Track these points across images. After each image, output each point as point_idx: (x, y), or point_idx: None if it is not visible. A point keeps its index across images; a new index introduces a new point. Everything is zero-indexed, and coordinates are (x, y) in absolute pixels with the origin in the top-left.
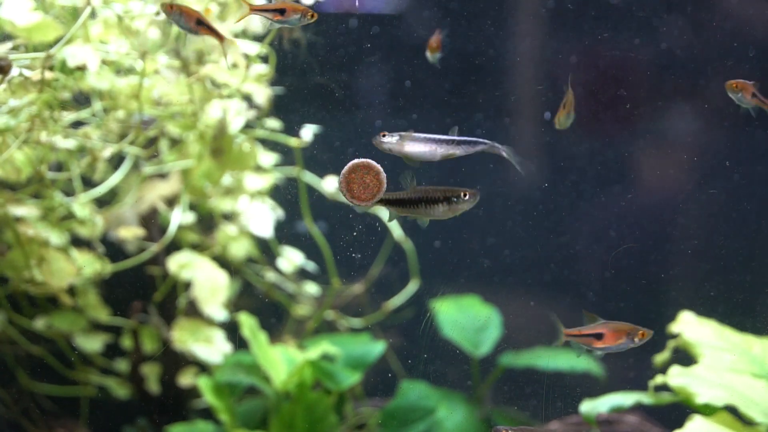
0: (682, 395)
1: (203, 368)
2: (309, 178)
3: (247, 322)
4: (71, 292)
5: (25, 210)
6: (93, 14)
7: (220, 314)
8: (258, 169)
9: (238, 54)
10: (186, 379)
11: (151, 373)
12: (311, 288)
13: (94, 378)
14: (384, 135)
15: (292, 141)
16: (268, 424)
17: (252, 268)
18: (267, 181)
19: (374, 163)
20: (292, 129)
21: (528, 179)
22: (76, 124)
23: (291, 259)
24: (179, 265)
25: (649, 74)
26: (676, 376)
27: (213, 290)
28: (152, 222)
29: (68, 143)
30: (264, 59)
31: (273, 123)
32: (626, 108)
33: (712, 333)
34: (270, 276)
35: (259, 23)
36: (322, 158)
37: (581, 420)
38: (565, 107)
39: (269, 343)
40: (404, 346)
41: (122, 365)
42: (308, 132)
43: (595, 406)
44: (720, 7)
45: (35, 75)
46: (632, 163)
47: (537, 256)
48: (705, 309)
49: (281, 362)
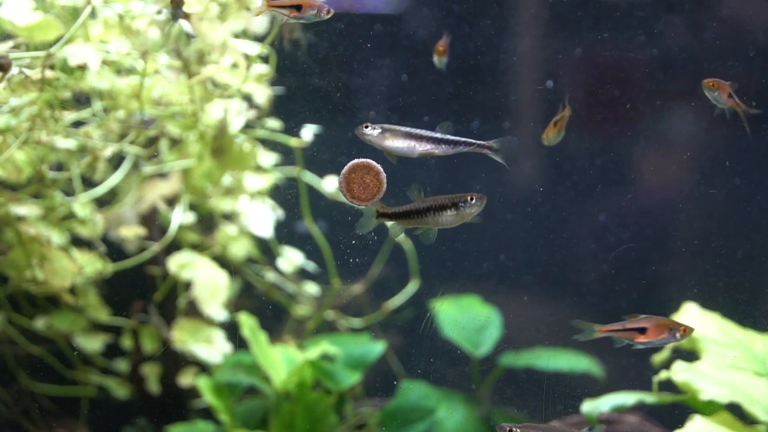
0: (686, 391)
1: (203, 368)
2: (309, 178)
3: (247, 322)
4: (72, 292)
5: (27, 209)
6: (93, 14)
7: (220, 314)
8: (258, 169)
9: (239, 54)
10: (186, 379)
11: (151, 373)
12: (311, 288)
13: (94, 378)
14: (366, 126)
15: (293, 141)
16: (268, 424)
17: (252, 268)
18: (267, 181)
19: (374, 164)
20: (293, 129)
21: (528, 179)
22: (77, 124)
23: (291, 259)
24: (179, 265)
25: (649, 74)
26: (681, 372)
27: (213, 290)
28: (152, 222)
29: (69, 143)
30: (264, 59)
31: (273, 123)
32: (626, 108)
33: (715, 327)
34: (270, 276)
35: (260, 23)
36: (322, 158)
37: (581, 420)
38: (557, 125)
39: (269, 343)
40: (404, 346)
41: (122, 365)
42: (308, 132)
43: (597, 406)
44: (720, 7)
45: (36, 74)
46: (633, 163)
47: (537, 256)
48: (707, 307)
49: (281, 362)
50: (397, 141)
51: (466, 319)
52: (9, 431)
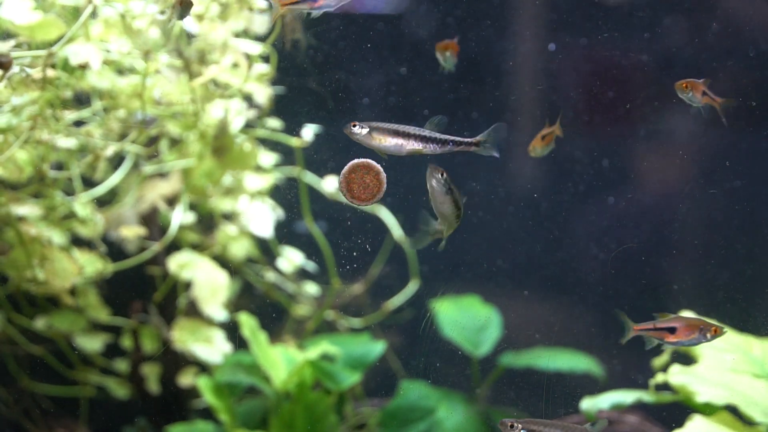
0: (683, 393)
1: (203, 368)
2: (309, 178)
3: (247, 322)
4: (72, 292)
5: (27, 209)
6: (94, 13)
7: (220, 314)
8: (258, 169)
9: (240, 54)
10: (186, 379)
11: (151, 373)
12: (311, 288)
13: (94, 378)
14: (354, 125)
15: (293, 141)
16: (268, 424)
17: (252, 268)
18: (267, 181)
19: (374, 163)
20: (293, 129)
21: (528, 179)
22: (77, 124)
23: (291, 259)
24: (179, 265)
25: (649, 74)
26: (677, 374)
27: (213, 290)
28: (152, 222)
29: (69, 142)
30: (265, 59)
31: (274, 123)
32: (625, 108)
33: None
34: (270, 276)
35: (261, 23)
36: (322, 158)
37: (582, 419)
38: (545, 139)
39: (269, 343)
40: (404, 346)
41: (122, 365)
42: (309, 132)
43: (596, 403)
44: (720, 7)
45: (37, 73)
46: (632, 164)
47: (537, 256)
48: (705, 310)
49: (281, 362)
50: (385, 139)
51: (466, 319)
52: (9, 431)
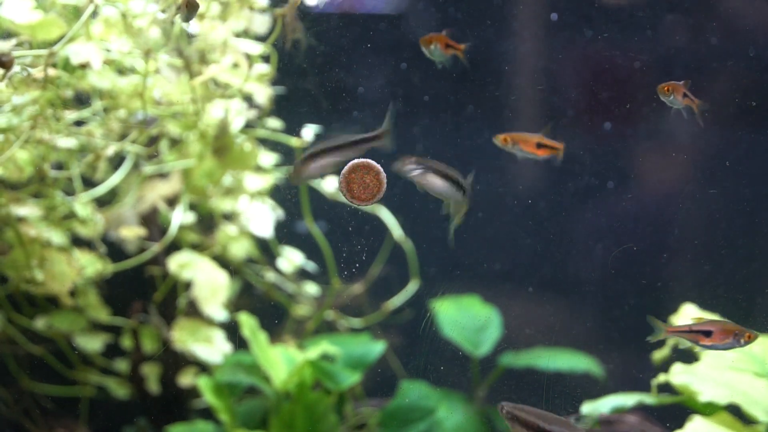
0: (685, 393)
1: (203, 368)
2: None
3: (247, 322)
4: (71, 293)
5: (28, 210)
6: (95, 13)
7: (220, 314)
8: (258, 169)
9: (240, 54)
10: (186, 379)
11: (151, 373)
12: (311, 288)
13: (94, 378)
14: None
15: (294, 141)
16: (268, 424)
17: (252, 268)
18: (267, 181)
19: (374, 163)
20: (294, 129)
21: (528, 179)
22: (77, 123)
23: (291, 259)
24: (179, 265)
25: (649, 74)
26: (679, 374)
27: (213, 290)
28: (152, 222)
29: (70, 142)
30: (266, 59)
31: (274, 123)
32: (625, 108)
33: None
34: (270, 276)
35: (262, 23)
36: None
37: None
38: (540, 149)
39: (269, 343)
40: (404, 346)
41: (122, 365)
42: (309, 132)
43: (597, 407)
44: (720, 7)
45: (38, 72)
46: (632, 163)
47: (537, 256)
48: (705, 309)
49: (281, 362)
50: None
51: (466, 319)
52: (9, 431)
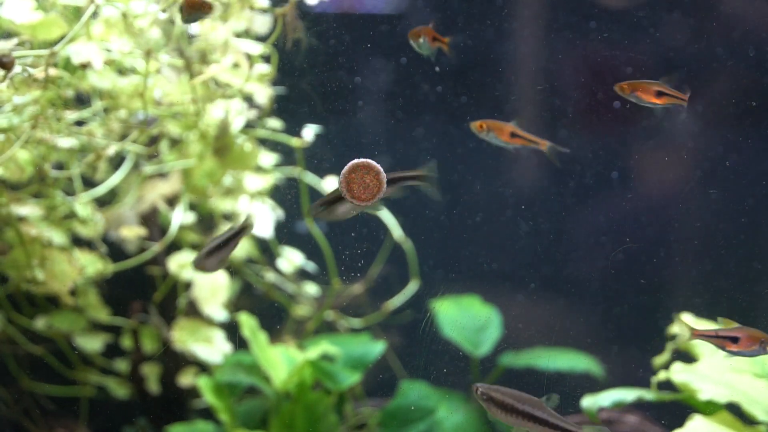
0: (685, 392)
1: (203, 368)
2: (309, 178)
3: (247, 322)
4: (72, 292)
5: (28, 209)
6: (95, 13)
7: (220, 314)
8: (258, 170)
9: (241, 54)
10: (186, 379)
11: (151, 373)
12: (311, 288)
13: (94, 378)
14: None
15: (294, 141)
16: (268, 424)
17: (252, 269)
18: (267, 182)
19: (374, 163)
20: (294, 129)
21: (528, 179)
22: (78, 123)
23: (291, 259)
24: (179, 265)
25: (648, 74)
26: (679, 372)
27: (213, 290)
28: (152, 222)
29: (70, 142)
30: (266, 59)
31: (274, 123)
32: (625, 108)
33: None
34: (270, 276)
35: (263, 23)
36: (322, 158)
37: (583, 420)
38: (514, 138)
39: (269, 343)
40: (404, 346)
41: (122, 365)
42: (309, 132)
43: (597, 401)
44: (720, 7)
45: (39, 72)
46: (632, 164)
47: (537, 256)
48: (705, 310)
49: (281, 362)
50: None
51: (466, 319)
52: (9, 431)
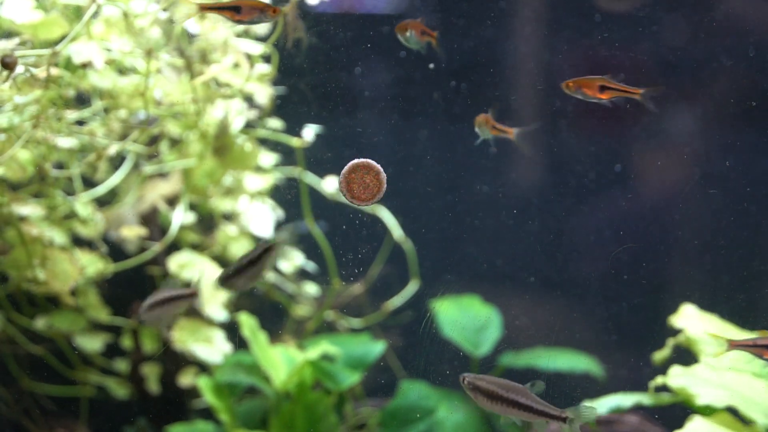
0: (683, 396)
1: (203, 368)
2: (309, 179)
3: (247, 322)
4: (72, 292)
5: (29, 209)
6: (96, 13)
7: (220, 314)
8: (258, 170)
9: (241, 54)
10: (186, 379)
11: (151, 373)
12: (311, 288)
13: (94, 378)
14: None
15: (294, 141)
16: (268, 424)
17: None
18: (267, 182)
19: (374, 163)
20: (294, 129)
21: (528, 179)
22: (78, 123)
23: (291, 259)
24: (179, 265)
25: (648, 74)
26: (677, 377)
27: (213, 290)
28: (153, 222)
29: (71, 142)
30: (266, 59)
31: (274, 123)
32: (625, 108)
33: (714, 329)
34: (270, 276)
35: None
36: (322, 158)
37: None
38: (494, 129)
39: (269, 343)
40: (404, 346)
41: (122, 365)
42: (310, 132)
43: (595, 407)
44: (720, 7)
45: (41, 72)
46: (633, 163)
47: (537, 256)
48: (705, 310)
49: (281, 362)
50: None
51: (466, 319)
52: (9, 431)
